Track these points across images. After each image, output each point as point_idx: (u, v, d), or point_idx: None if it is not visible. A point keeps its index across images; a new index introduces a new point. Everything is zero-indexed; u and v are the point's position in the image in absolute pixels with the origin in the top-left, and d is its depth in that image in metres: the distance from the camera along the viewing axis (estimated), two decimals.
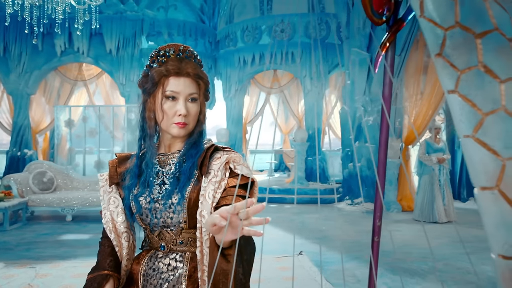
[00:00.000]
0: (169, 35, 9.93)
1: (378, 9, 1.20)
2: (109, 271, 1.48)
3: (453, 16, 1.05)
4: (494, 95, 1.05)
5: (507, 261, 1.09)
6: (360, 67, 8.93)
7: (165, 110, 1.42)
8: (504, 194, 1.06)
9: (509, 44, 1.06)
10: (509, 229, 1.07)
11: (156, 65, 1.47)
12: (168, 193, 1.45)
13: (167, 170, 1.49)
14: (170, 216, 1.43)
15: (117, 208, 1.55)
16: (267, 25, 10.06)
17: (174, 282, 1.43)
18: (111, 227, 1.52)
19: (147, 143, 1.51)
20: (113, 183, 1.57)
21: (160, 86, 1.43)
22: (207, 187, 1.38)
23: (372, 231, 1.36)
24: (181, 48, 1.49)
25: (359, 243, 6.03)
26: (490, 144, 1.06)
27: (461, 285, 4.40)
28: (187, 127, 1.44)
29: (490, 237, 1.12)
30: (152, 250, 1.52)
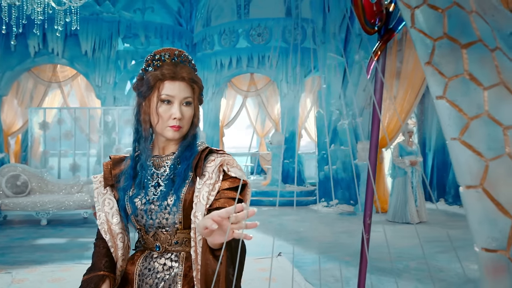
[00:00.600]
0: (146, 38, 9.87)
1: (371, 19, 1.28)
2: (105, 272, 1.49)
3: (441, 27, 1.14)
4: (478, 101, 1.14)
5: (489, 253, 1.18)
6: (336, 71, 9.11)
7: (160, 113, 1.44)
8: (487, 192, 1.15)
9: (491, 54, 1.15)
10: (492, 224, 1.16)
11: (152, 69, 1.48)
12: (163, 194, 1.47)
13: (162, 172, 1.51)
14: (165, 217, 1.46)
15: (112, 209, 1.56)
16: (244, 29, 10.12)
17: (170, 281, 1.46)
18: (106, 229, 1.53)
19: (142, 145, 1.53)
20: (107, 185, 1.58)
21: (155, 90, 1.45)
22: (202, 189, 1.42)
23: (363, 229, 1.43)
24: (176, 53, 1.51)
25: (336, 244, 6.15)
26: (474, 146, 1.15)
27: (435, 282, 4.57)
28: (182, 130, 1.46)
29: (474, 232, 1.21)
30: (147, 250, 1.53)
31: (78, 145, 7.94)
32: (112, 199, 1.58)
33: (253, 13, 10.43)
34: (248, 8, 10.51)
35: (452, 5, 1.13)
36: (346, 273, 4.81)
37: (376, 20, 1.28)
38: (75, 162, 7.88)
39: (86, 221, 7.36)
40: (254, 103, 12.82)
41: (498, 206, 1.14)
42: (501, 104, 1.14)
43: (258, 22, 10.02)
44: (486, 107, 1.14)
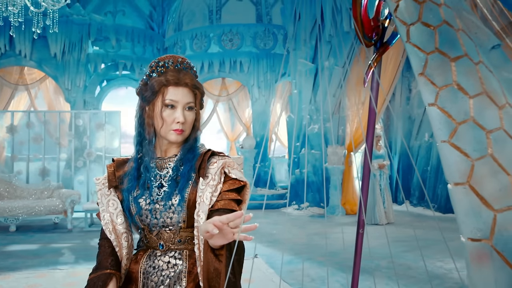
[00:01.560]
0: (117, 41, 9.77)
1: (368, 33, 1.41)
2: (111, 270, 1.53)
3: (433, 43, 1.28)
4: (465, 108, 1.29)
5: (475, 243, 1.33)
6: (306, 77, 9.33)
7: (164, 117, 1.50)
8: (473, 189, 1.30)
9: (475, 67, 1.31)
10: (477, 216, 1.31)
11: (156, 75, 1.55)
12: (167, 194, 1.53)
13: (165, 173, 1.57)
14: (170, 216, 1.52)
15: (116, 210, 1.61)
16: (216, 34, 10.20)
17: (175, 278, 1.52)
18: (111, 229, 1.57)
19: (145, 147, 1.59)
20: (112, 186, 1.62)
21: (159, 95, 1.51)
22: (205, 190, 1.49)
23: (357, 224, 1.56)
24: (179, 60, 1.58)
25: (309, 245, 6.31)
26: (462, 147, 1.30)
27: (403, 279, 4.78)
28: (184, 134, 1.54)
29: (461, 224, 1.36)
30: (150, 249, 1.59)
31: (46, 149, 7.76)
32: (116, 200, 1.62)
33: (225, 18, 10.53)
34: (220, 14, 10.60)
35: (442, 23, 1.28)
36: (320, 272, 4.96)
37: (373, 35, 1.41)
38: (45, 166, 7.71)
39: (57, 227, 7.22)
40: (224, 108, 12.89)
41: (482, 200, 1.30)
42: (484, 111, 1.30)
43: (230, 28, 10.13)
44: (471, 113, 1.30)
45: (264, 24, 10.53)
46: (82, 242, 6.25)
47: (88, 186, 7.84)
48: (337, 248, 6.18)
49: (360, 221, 1.53)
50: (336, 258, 5.54)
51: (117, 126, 8.00)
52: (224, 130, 13.02)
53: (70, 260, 5.35)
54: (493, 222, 1.31)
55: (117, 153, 8.02)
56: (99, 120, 7.87)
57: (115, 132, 7.97)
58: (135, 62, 10.23)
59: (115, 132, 7.97)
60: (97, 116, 8.04)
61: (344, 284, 4.59)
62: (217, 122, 12.90)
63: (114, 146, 8.01)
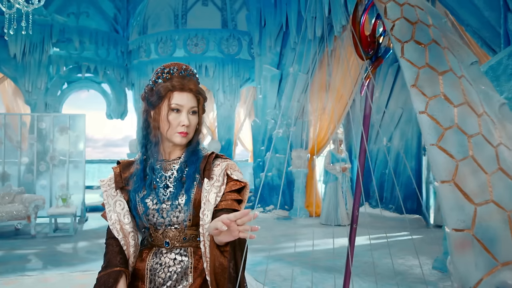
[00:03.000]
0: (80, 43, 9.58)
1: (365, 48, 1.58)
2: (121, 268, 1.59)
3: (424, 59, 1.47)
4: (450, 115, 1.49)
5: (458, 232, 1.53)
6: (272, 82, 9.54)
7: (170, 120, 1.59)
8: (457, 186, 1.50)
9: (458, 80, 1.51)
10: (460, 210, 1.51)
11: (161, 81, 1.63)
12: (174, 195, 1.62)
13: (169, 174, 1.66)
14: (176, 215, 1.61)
15: (123, 210, 1.68)
16: (181, 38, 10.23)
17: (182, 273, 1.61)
18: (118, 228, 1.65)
19: (152, 150, 1.69)
20: (118, 187, 1.70)
21: (165, 100, 1.60)
22: (210, 190, 1.59)
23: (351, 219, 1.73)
24: (184, 67, 1.68)
25: (277, 246, 6.49)
26: (448, 150, 1.49)
27: (370, 276, 5.04)
28: (188, 136, 1.63)
29: (446, 217, 1.55)
30: (155, 247, 1.66)
31: (6, 153, 7.49)
32: (122, 201, 1.69)
33: (190, 23, 10.58)
34: (186, 18, 10.64)
35: (431, 42, 1.47)
36: (289, 271, 5.14)
37: (369, 50, 1.58)
38: (5, 171, 7.45)
39: (19, 233, 7.00)
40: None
41: (465, 195, 1.50)
42: (466, 118, 1.50)
43: (196, 32, 10.18)
44: (456, 120, 1.50)
45: (230, 29, 10.67)
46: (48, 248, 6.12)
47: (51, 190, 7.64)
48: (304, 249, 6.40)
49: (354, 217, 1.69)
50: (304, 258, 5.75)
51: (82, 129, 7.87)
52: None
53: (38, 266, 5.23)
54: (474, 214, 1.51)
55: (82, 157, 7.87)
56: (62, 124, 7.71)
57: (80, 136, 7.83)
58: (98, 64, 10.07)
59: (80, 136, 7.83)
60: (60, 120, 7.86)
61: (315, 282, 4.79)
62: None
63: (78, 150, 7.86)
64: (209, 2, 10.74)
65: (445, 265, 5.29)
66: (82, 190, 7.86)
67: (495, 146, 1.53)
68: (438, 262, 5.43)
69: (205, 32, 10.21)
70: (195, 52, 10.22)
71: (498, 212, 1.52)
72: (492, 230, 1.52)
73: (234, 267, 1.44)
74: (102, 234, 7.18)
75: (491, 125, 1.54)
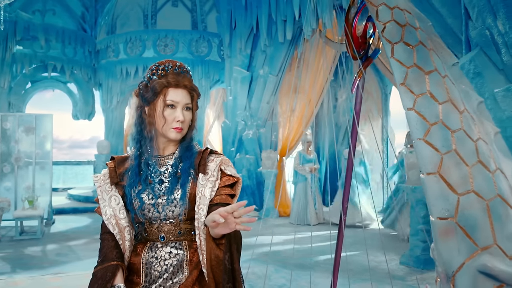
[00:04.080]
0: (46, 41, 9.31)
1: (358, 49, 1.69)
2: (118, 262, 1.61)
3: (412, 59, 1.58)
4: (436, 112, 1.61)
5: (442, 221, 1.65)
6: (242, 84, 9.62)
7: (166, 116, 1.62)
8: (442, 177, 1.62)
9: (442, 79, 1.63)
10: (445, 199, 1.63)
11: (156, 77, 1.67)
12: (169, 189, 1.65)
13: (164, 170, 1.69)
14: (172, 210, 1.65)
15: (118, 205, 1.69)
16: (151, 38, 10.14)
17: (178, 266, 1.64)
18: (114, 223, 1.66)
19: (147, 145, 1.72)
20: (113, 182, 1.71)
21: (160, 96, 1.63)
22: (206, 185, 1.63)
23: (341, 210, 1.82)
24: (178, 64, 1.71)
25: (249, 246, 6.55)
26: (433, 144, 1.61)
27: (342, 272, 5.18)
28: (183, 132, 1.66)
29: (431, 206, 1.67)
30: (150, 241, 1.69)
31: None
32: (118, 196, 1.71)
33: (160, 23, 10.50)
34: (155, 19, 10.55)
35: (419, 43, 1.59)
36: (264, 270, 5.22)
37: (360, 50, 1.68)
38: None
39: None
40: None
41: (449, 186, 1.62)
42: (449, 115, 1.63)
43: (165, 33, 10.11)
44: (440, 116, 1.62)
45: (199, 31, 10.67)
46: (15, 251, 5.94)
47: (16, 192, 7.40)
48: (277, 247, 6.50)
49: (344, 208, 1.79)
50: (278, 257, 5.84)
51: (49, 130, 7.67)
52: None
53: (6, 270, 5.08)
54: (457, 204, 1.63)
55: (49, 158, 7.67)
56: (28, 124, 7.49)
57: (46, 137, 7.63)
58: (65, 64, 9.81)
59: (46, 137, 7.63)
60: (24, 119, 7.63)
61: (288, 279, 4.90)
62: None
63: (45, 151, 7.65)
64: (179, 3, 10.70)
65: (412, 261, 5.52)
66: (49, 192, 7.66)
67: (475, 140, 1.66)
68: (405, 258, 5.66)
69: (175, 33, 10.17)
70: (164, 53, 10.16)
71: (478, 201, 1.65)
72: (473, 218, 1.64)
73: (229, 259, 1.49)
74: (71, 236, 7.03)
75: (471, 121, 1.67)
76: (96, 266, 1.62)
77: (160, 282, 1.64)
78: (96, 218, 8.88)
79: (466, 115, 1.66)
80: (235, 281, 1.53)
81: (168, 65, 1.70)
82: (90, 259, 5.66)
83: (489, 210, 1.63)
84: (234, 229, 1.36)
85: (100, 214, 1.73)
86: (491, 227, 1.62)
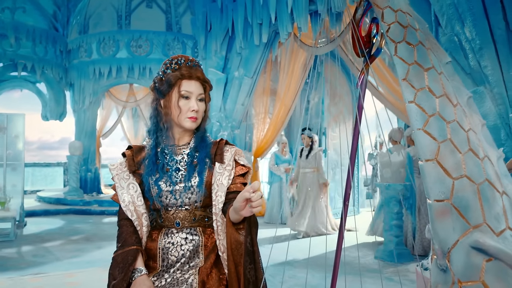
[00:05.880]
0: (16, 39, 9.08)
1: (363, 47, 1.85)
2: (137, 246, 1.69)
3: (413, 57, 1.76)
4: (433, 105, 1.79)
5: (439, 203, 1.83)
6: (217, 86, 9.70)
7: (181, 106, 1.74)
8: (439, 163, 1.80)
9: (438, 76, 1.82)
10: (441, 183, 1.81)
11: (170, 71, 1.79)
12: (187, 177, 1.77)
13: (180, 158, 1.79)
14: (188, 197, 1.75)
15: (136, 192, 1.78)
16: (125, 39, 10.07)
17: (194, 251, 1.74)
18: (132, 210, 1.74)
19: (163, 136, 1.83)
20: (132, 170, 1.80)
21: (175, 87, 1.75)
22: (223, 173, 1.75)
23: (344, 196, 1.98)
24: (190, 58, 1.84)
25: None
26: (431, 133, 1.79)
27: (321, 267, 5.38)
28: (197, 121, 1.78)
29: (429, 190, 1.84)
30: (164, 228, 1.78)
31: None
32: (135, 183, 1.80)
33: (134, 24, 10.45)
34: (129, 19, 10.49)
35: (418, 43, 1.77)
36: None
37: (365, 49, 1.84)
38: None
39: None
40: (127, 115, 12.64)
41: (445, 171, 1.80)
42: (445, 108, 1.81)
43: (140, 34, 10.08)
44: (437, 109, 1.80)
45: (174, 32, 10.68)
46: None
47: None
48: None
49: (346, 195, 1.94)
50: None
51: (21, 130, 7.51)
52: (127, 137, 12.75)
53: None
54: (452, 187, 1.82)
55: (21, 159, 7.50)
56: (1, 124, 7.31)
57: (18, 137, 7.46)
58: (36, 63, 9.59)
59: (18, 137, 7.46)
60: None
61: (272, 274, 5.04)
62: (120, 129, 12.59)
63: (17, 151, 7.48)
64: (154, 4, 10.69)
65: (386, 255, 5.77)
66: (20, 194, 7.49)
67: (466, 131, 1.85)
68: (379, 252, 5.91)
69: (149, 34, 10.15)
70: (138, 53, 10.11)
71: (470, 185, 1.84)
72: (466, 199, 1.83)
73: (250, 242, 1.59)
74: (45, 238, 6.91)
75: (463, 114, 1.86)
76: (116, 251, 1.70)
77: (178, 266, 1.72)
78: (69, 220, 8.74)
79: (458, 108, 1.85)
80: (255, 262, 1.63)
81: (181, 59, 1.81)
82: (69, 260, 5.61)
83: (479, 193, 1.82)
84: (251, 213, 1.48)
85: (117, 201, 1.80)
86: (481, 208, 1.81)
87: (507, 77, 4.63)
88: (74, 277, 4.91)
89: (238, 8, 8.82)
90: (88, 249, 6.22)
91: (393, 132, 6.38)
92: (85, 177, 10.28)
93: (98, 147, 10.61)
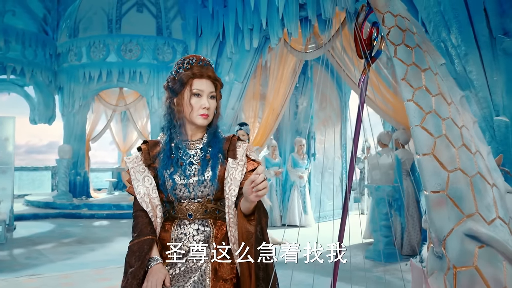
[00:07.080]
0: (5, 43, 9.03)
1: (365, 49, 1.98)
2: (152, 236, 1.78)
3: (411, 58, 1.90)
4: (430, 103, 1.93)
5: (435, 194, 1.96)
6: None
7: (193, 104, 1.82)
8: (435, 157, 1.94)
9: (434, 76, 1.96)
10: (437, 176, 1.94)
11: (182, 70, 1.88)
12: (200, 171, 1.85)
13: (193, 153, 1.88)
14: (201, 190, 1.83)
15: (151, 185, 1.86)
16: (115, 43, 10.09)
17: (205, 241, 1.82)
18: (147, 201, 1.82)
19: (177, 131, 1.92)
20: (147, 164, 1.88)
21: (187, 86, 1.83)
22: (236, 168, 1.84)
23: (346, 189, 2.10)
24: (201, 58, 1.92)
25: None
26: (428, 129, 1.93)
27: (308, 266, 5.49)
28: (208, 118, 1.86)
29: (426, 182, 1.98)
30: (177, 219, 1.87)
31: None
32: (150, 176, 1.87)
33: (125, 28, 10.47)
34: (120, 23, 10.50)
35: (416, 46, 1.91)
36: None
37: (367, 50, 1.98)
38: None
39: None
40: (116, 119, 12.61)
41: (441, 164, 1.94)
42: (440, 106, 1.96)
43: (130, 38, 10.11)
44: (433, 107, 1.94)
45: (164, 37, 10.74)
46: None
47: None
48: None
49: (348, 188, 2.07)
50: None
51: (11, 133, 7.48)
52: (116, 141, 12.73)
53: None
54: (447, 179, 1.96)
55: (11, 162, 7.47)
56: None
57: (9, 139, 7.43)
58: (25, 66, 9.55)
59: (9, 139, 7.43)
60: None
61: None
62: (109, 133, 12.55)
63: (7, 154, 7.44)
64: (144, 9, 10.74)
65: (376, 255, 5.92)
66: (10, 198, 7.43)
67: (459, 127, 2.00)
68: (369, 252, 6.05)
69: (140, 38, 10.19)
70: (129, 58, 10.14)
71: (463, 177, 1.98)
72: (459, 191, 1.97)
73: (260, 231, 1.69)
74: (37, 241, 6.88)
75: (456, 112, 2.01)
76: (132, 240, 1.77)
77: (190, 255, 1.79)
78: (59, 223, 8.70)
79: (453, 106, 2.00)
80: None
81: (192, 59, 1.89)
82: (63, 261, 5.62)
83: (472, 185, 1.96)
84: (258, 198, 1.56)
85: (132, 193, 1.89)
86: (473, 198, 1.96)
87: (491, 81, 4.83)
88: (69, 278, 4.94)
89: (229, 13, 8.93)
90: (81, 251, 6.23)
91: (381, 135, 6.56)
92: (74, 181, 10.23)
93: (87, 151, 10.58)
